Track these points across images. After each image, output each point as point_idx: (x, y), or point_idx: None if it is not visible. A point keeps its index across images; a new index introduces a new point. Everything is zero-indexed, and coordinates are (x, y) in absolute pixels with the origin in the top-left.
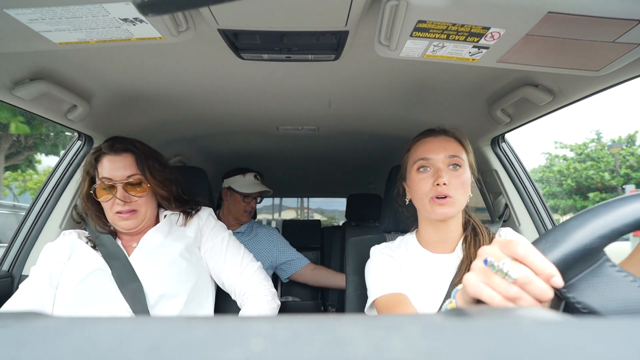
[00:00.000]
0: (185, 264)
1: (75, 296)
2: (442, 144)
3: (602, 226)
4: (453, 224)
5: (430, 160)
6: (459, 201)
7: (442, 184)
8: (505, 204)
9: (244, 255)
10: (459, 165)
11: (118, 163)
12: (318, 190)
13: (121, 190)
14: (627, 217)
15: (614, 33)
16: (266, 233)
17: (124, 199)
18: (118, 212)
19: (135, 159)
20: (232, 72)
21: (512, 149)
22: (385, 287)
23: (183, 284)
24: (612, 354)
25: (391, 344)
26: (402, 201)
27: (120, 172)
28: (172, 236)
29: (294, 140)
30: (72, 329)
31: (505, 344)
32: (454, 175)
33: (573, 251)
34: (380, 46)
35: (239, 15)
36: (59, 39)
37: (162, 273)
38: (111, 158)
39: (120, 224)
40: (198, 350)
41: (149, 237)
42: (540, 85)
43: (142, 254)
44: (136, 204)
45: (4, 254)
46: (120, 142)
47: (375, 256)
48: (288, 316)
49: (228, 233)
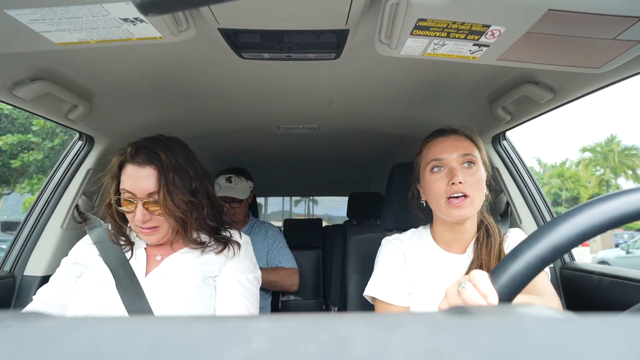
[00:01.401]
0: (199, 297)
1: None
2: (453, 143)
3: (535, 257)
4: (468, 225)
5: (444, 160)
6: (475, 200)
7: (458, 183)
8: (507, 202)
9: (250, 304)
10: (473, 162)
11: (140, 176)
12: (319, 189)
13: (140, 208)
14: (547, 249)
15: (615, 30)
16: (263, 237)
17: (142, 217)
18: (139, 227)
19: (157, 173)
20: (233, 72)
21: (513, 146)
22: (389, 294)
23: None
24: (614, 351)
25: (393, 343)
26: (417, 204)
27: (141, 186)
28: (197, 262)
29: (295, 139)
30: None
31: (507, 342)
32: (468, 174)
33: (511, 281)
34: (381, 44)
35: (240, 14)
36: (59, 39)
37: (174, 303)
38: (134, 169)
39: (142, 237)
40: (199, 350)
41: (174, 260)
42: (541, 82)
43: (160, 277)
44: (158, 220)
45: (5, 254)
46: (144, 152)
47: (385, 249)
48: (290, 315)
49: (253, 276)
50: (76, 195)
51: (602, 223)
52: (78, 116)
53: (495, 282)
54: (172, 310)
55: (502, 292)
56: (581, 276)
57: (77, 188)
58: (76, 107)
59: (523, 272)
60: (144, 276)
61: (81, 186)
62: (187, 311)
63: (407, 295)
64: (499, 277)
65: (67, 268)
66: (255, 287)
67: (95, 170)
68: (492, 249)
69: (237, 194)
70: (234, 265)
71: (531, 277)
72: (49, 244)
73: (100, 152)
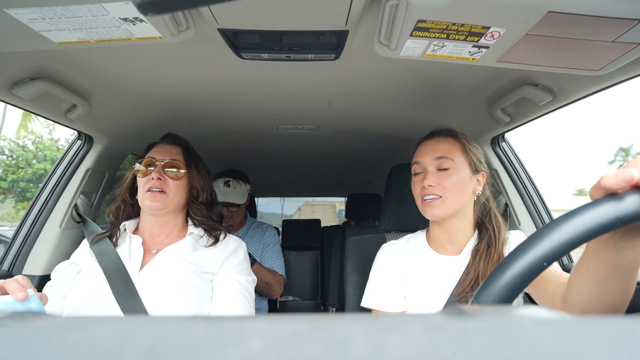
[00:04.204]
0: (193, 289)
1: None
2: (432, 147)
3: (513, 278)
4: (457, 225)
5: (421, 164)
6: (449, 201)
7: (427, 186)
8: (506, 204)
9: (250, 305)
10: (447, 167)
11: (165, 149)
12: (318, 190)
13: (159, 167)
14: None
15: (614, 32)
16: (260, 237)
17: (158, 174)
18: (149, 190)
19: (183, 152)
20: (232, 72)
21: (512, 148)
22: (385, 304)
23: (185, 310)
24: (613, 353)
25: (391, 344)
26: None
27: (164, 155)
28: (191, 256)
29: (294, 139)
30: (72, 328)
31: (505, 344)
32: (442, 176)
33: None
34: (380, 46)
35: (239, 14)
36: (58, 38)
37: (167, 294)
38: (161, 145)
39: (147, 202)
40: (197, 350)
41: (168, 252)
42: (540, 84)
43: (155, 269)
44: (167, 185)
45: (4, 253)
46: (174, 137)
47: (380, 257)
48: (288, 315)
49: (252, 278)
50: (75, 195)
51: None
52: (77, 116)
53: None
54: (166, 300)
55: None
56: None
57: (76, 187)
58: (75, 106)
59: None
60: (139, 269)
61: (80, 185)
62: (180, 302)
63: (403, 300)
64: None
65: (63, 270)
66: (252, 288)
67: (94, 170)
68: (490, 260)
69: (235, 199)
70: (233, 266)
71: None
72: (47, 243)
73: (99, 151)
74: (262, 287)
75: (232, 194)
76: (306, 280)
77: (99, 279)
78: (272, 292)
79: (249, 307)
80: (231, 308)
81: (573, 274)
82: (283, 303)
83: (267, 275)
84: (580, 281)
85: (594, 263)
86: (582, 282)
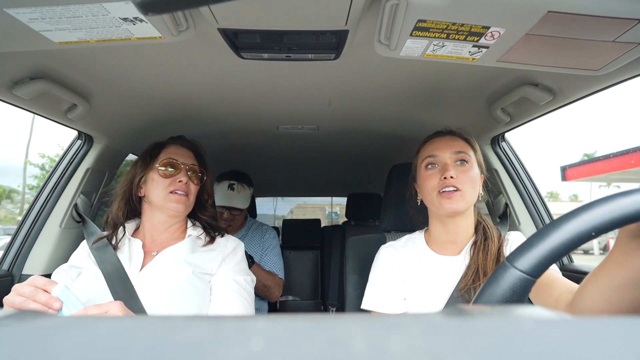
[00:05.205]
0: (191, 289)
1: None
2: (448, 142)
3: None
4: (463, 224)
5: (438, 157)
6: (467, 195)
7: (449, 177)
8: (505, 203)
9: (248, 305)
10: (466, 160)
11: (184, 152)
12: (318, 189)
13: (185, 172)
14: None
15: (614, 32)
16: (260, 238)
17: (186, 177)
18: (174, 192)
19: (196, 156)
20: (232, 72)
21: (512, 148)
22: (385, 306)
23: (184, 311)
24: (613, 353)
25: (391, 344)
26: (414, 203)
27: (185, 158)
28: (191, 257)
29: (294, 139)
30: (72, 328)
31: (505, 343)
32: (461, 170)
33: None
34: (380, 45)
35: (239, 14)
36: (58, 38)
37: (166, 293)
38: (177, 147)
39: (171, 205)
40: (197, 349)
41: (168, 253)
42: (540, 84)
43: (154, 270)
44: (190, 189)
45: (4, 253)
46: (187, 140)
47: (379, 259)
48: (288, 315)
49: (250, 278)
50: (75, 195)
51: None
52: (77, 115)
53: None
54: (165, 301)
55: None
56: (580, 278)
57: (76, 187)
58: (75, 106)
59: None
60: (138, 271)
61: (80, 185)
62: (179, 303)
63: (403, 301)
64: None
65: (63, 273)
66: (251, 288)
67: (94, 170)
68: (489, 251)
69: (239, 203)
70: (232, 266)
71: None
72: (47, 242)
73: (99, 151)
74: (261, 289)
75: (237, 198)
76: (306, 280)
77: (99, 281)
78: (270, 295)
79: (248, 307)
80: (229, 308)
81: (589, 279)
82: (283, 303)
83: (266, 278)
84: (597, 287)
85: (617, 269)
86: (599, 288)
